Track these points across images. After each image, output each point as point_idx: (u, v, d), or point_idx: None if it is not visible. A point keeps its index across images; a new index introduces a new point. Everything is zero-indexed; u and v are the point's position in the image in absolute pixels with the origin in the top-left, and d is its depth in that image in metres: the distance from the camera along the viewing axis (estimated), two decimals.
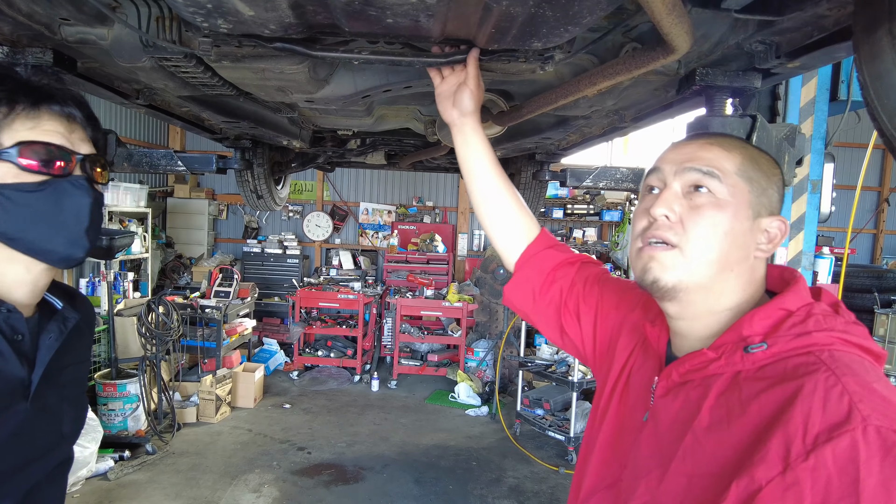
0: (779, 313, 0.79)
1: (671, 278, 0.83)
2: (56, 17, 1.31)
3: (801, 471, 0.65)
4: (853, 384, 0.68)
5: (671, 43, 1.00)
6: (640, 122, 2.00)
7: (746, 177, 0.84)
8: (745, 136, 1.37)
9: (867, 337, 0.77)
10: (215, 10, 1.06)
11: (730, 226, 0.82)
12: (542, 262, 1.19)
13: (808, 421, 0.67)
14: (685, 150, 0.88)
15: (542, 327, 1.22)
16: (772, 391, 0.73)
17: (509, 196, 1.26)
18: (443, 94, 1.29)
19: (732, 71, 1.33)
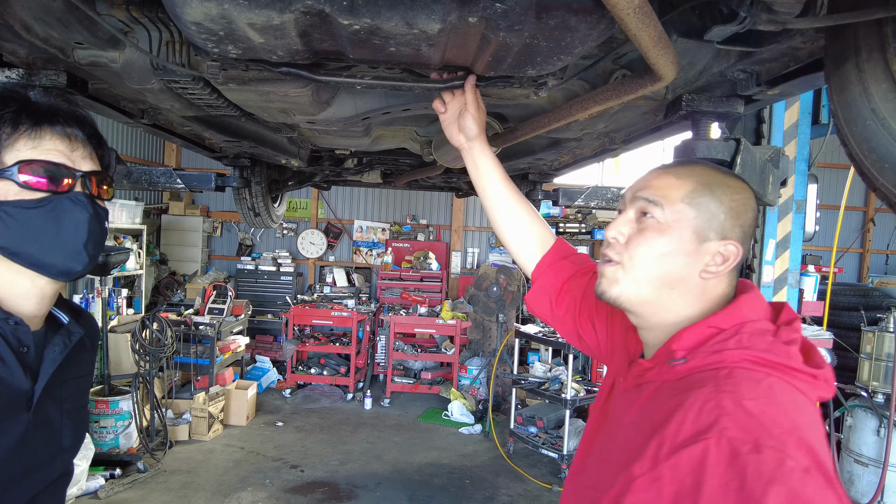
0: (708, 331, 0.86)
1: (614, 292, 0.93)
2: (70, 41, 1.36)
3: (664, 468, 0.74)
4: (727, 401, 0.75)
5: (658, 71, 1.07)
6: (629, 144, 2.07)
7: (694, 203, 0.90)
8: (729, 157, 1.43)
9: (789, 356, 0.82)
10: (227, 37, 1.12)
11: (669, 248, 0.89)
12: (557, 274, 1.27)
13: (680, 428, 0.75)
14: (644, 179, 0.96)
15: (561, 333, 1.29)
16: (674, 398, 0.81)
17: (522, 209, 1.34)
18: (447, 121, 1.38)
19: (717, 97, 1.40)
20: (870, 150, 0.94)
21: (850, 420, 3.97)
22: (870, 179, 0.98)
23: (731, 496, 0.67)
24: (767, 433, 0.70)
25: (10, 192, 0.91)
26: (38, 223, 0.92)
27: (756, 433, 0.70)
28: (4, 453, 0.91)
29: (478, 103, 1.34)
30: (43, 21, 1.26)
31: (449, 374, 7.09)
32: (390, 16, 0.98)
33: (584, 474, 0.98)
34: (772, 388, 0.78)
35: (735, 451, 0.69)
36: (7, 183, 0.91)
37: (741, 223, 0.92)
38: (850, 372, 4.23)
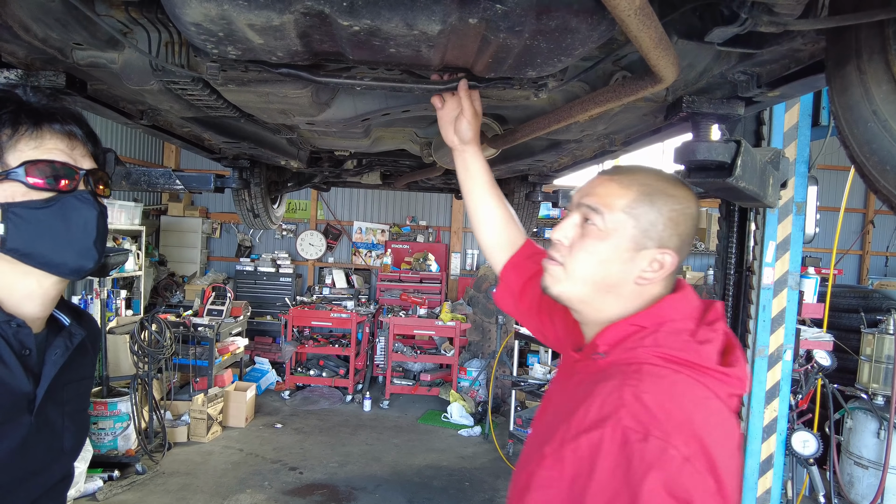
0: (630, 328, 0.94)
1: (556, 289, 1.01)
2: (69, 42, 1.36)
3: (566, 450, 0.83)
4: (628, 394, 0.83)
5: (658, 73, 1.06)
6: (629, 145, 2.06)
7: (633, 213, 0.95)
8: (729, 159, 1.43)
9: (701, 356, 0.89)
10: (226, 38, 1.11)
11: (606, 255, 0.96)
12: (522, 272, 1.35)
13: (585, 416, 0.84)
14: (591, 184, 1.02)
15: (526, 327, 1.38)
16: (588, 388, 0.90)
17: (502, 213, 1.41)
18: (444, 119, 1.39)
19: (717, 98, 1.40)
20: (871, 153, 0.94)
21: (850, 422, 3.97)
22: (871, 181, 0.97)
23: (618, 478, 0.76)
24: (657, 425, 0.78)
25: (18, 193, 0.91)
26: (49, 223, 0.93)
27: (647, 424, 0.78)
28: (6, 456, 0.91)
29: (472, 108, 1.35)
30: (42, 21, 1.26)
31: (448, 375, 7.08)
32: (390, 17, 0.97)
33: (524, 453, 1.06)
34: (675, 384, 0.86)
35: (626, 438, 0.78)
36: (14, 184, 0.91)
37: (679, 233, 0.97)
38: (849, 374, 4.23)
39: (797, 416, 2.95)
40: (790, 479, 3.00)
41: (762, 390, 2.48)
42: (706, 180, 1.54)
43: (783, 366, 2.48)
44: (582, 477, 0.80)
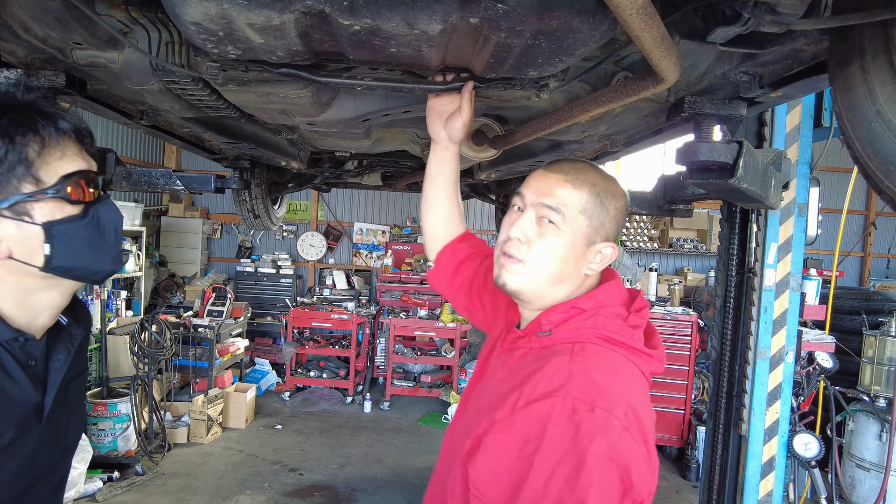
0: (572, 311, 1.05)
1: (514, 284, 1.08)
2: (69, 41, 1.36)
3: (517, 416, 0.91)
4: (577, 369, 0.93)
5: (660, 73, 1.06)
6: (631, 146, 2.06)
7: (587, 213, 1.05)
8: (731, 160, 1.42)
9: (635, 339, 1.02)
10: (226, 37, 1.11)
11: (564, 252, 1.05)
12: (455, 255, 1.46)
13: (536, 386, 0.92)
14: (546, 182, 1.08)
15: (455, 306, 1.50)
16: (535, 363, 0.99)
17: (458, 211, 1.50)
18: (434, 110, 1.40)
19: (719, 99, 1.39)
20: (875, 153, 0.93)
21: (851, 425, 3.95)
22: (875, 182, 0.97)
23: (566, 443, 0.85)
24: (602, 397, 0.88)
25: (57, 210, 0.89)
26: (88, 234, 0.92)
27: (593, 396, 0.88)
28: (20, 466, 0.91)
29: (472, 111, 1.36)
30: (41, 21, 1.25)
31: (449, 377, 7.07)
32: (391, 16, 0.97)
33: (459, 423, 1.12)
34: (614, 362, 0.98)
35: (575, 408, 0.87)
36: (54, 202, 0.89)
37: (618, 227, 1.10)
38: (851, 376, 4.22)
39: (799, 419, 2.95)
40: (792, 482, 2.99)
41: (763, 392, 2.48)
42: (708, 181, 1.53)
43: (785, 368, 2.47)
44: (531, 441, 0.87)
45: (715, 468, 2.64)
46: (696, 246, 8.06)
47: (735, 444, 2.59)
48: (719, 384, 2.67)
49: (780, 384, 2.48)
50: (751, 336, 2.52)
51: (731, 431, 2.60)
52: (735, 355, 2.62)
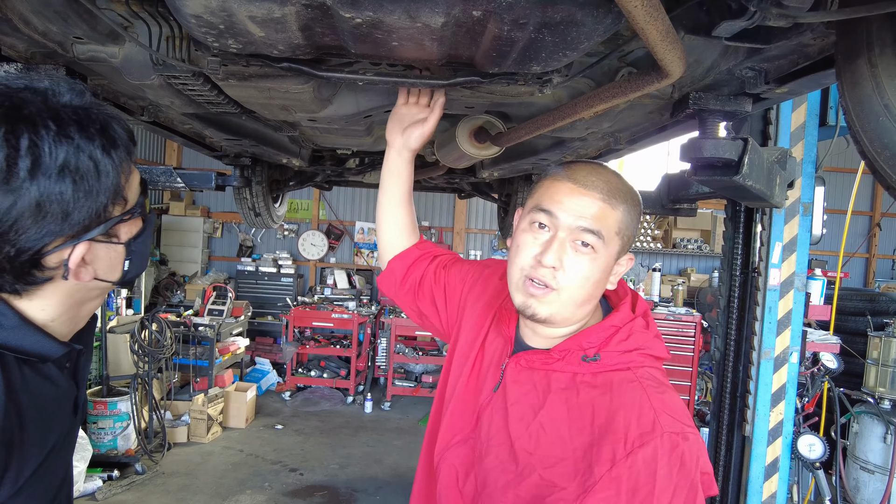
0: (610, 330, 1.03)
1: (546, 312, 1.02)
2: (69, 35, 1.35)
3: (622, 468, 0.90)
4: (655, 401, 0.94)
5: (665, 68, 1.04)
6: (634, 144, 2.04)
7: (621, 234, 1.03)
8: (737, 157, 1.41)
9: (662, 349, 1.05)
10: (227, 31, 1.10)
11: (598, 276, 1.02)
12: (404, 259, 1.44)
13: (628, 431, 0.92)
14: (581, 203, 1.01)
15: (405, 309, 1.47)
16: (602, 398, 0.98)
17: (411, 220, 1.48)
18: (398, 115, 1.41)
19: (724, 95, 1.37)
20: (883, 147, 0.92)
21: (856, 426, 3.93)
22: (883, 177, 0.95)
23: (675, 475, 0.88)
24: (683, 420, 0.93)
25: (134, 227, 0.91)
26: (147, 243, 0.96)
27: (680, 424, 0.92)
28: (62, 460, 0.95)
29: (435, 125, 1.37)
30: (42, 15, 1.24)
31: None
32: (393, 9, 0.96)
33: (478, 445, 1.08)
34: (664, 378, 1.02)
35: (674, 443, 0.90)
36: (136, 220, 0.91)
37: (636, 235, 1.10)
38: (856, 378, 4.20)
39: (803, 420, 2.92)
40: (796, 484, 2.97)
41: (768, 393, 2.46)
42: (713, 178, 1.51)
43: (789, 368, 2.45)
44: (643, 486, 0.88)
45: (718, 469, 2.62)
46: (699, 246, 8.04)
47: (738, 446, 2.57)
48: (723, 385, 2.65)
49: (785, 385, 2.46)
50: (755, 336, 2.51)
51: (735, 432, 2.58)
52: (739, 356, 2.61)
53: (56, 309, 0.88)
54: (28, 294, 0.84)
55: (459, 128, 1.80)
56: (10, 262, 0.79)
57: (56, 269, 0.83)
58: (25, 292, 0.84)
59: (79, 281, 0.86)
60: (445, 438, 1.16)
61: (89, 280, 0.87)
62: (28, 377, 0.84)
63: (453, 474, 1.12)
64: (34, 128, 0.77)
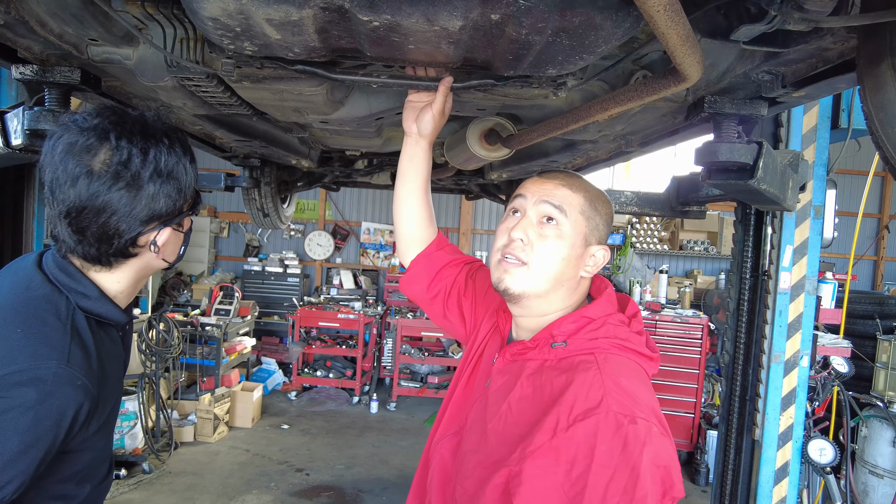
0: (582, 320, 1.08)
1: (518, 287, 1.09)
2: (85, 37, 1.35)
3: (562, 439, 0.92)
4: (609, 382, 0.95)
5: (683, 72, 1.04)
6: (646, 147, 2.03)
7: (585, 215, 1.11)
8: (752, 161, 1.40)
9: (641, 344, 1.06)
10: (243, 33, 1.10)
11: (566, 252, 1.08)
12: (433, 262, 1.46)
13: (574, 405, 0.94)
14: (544, 186, 1.13)
15: (429, 313, 1.50)
16: (559, 377, 1.01)
17: (428, 211, 1.49)
18: (410, 104, 1.41)
19: (740, 99, 1.37)
20: None
21: (864, 430, 3.91)
22: None
23: (616, 457, 0.88)
24: (638, 406, 0.93)
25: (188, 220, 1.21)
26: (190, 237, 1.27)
27: (631, 407, 0.92)
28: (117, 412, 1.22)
29: (443, 107, 1.36)
30: (58, 17, 1.25)
31: None
32: (411, 12, 0.96)
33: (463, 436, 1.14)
34: (633, 369, 1.02)
35: (619, 422, 0.90)
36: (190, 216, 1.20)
37: (608, 231, 1.16)
38: (865, 381, 4.17)
39: (814, 424, 2.91)
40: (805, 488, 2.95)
41: (778, 397, 2.45)
42: (727, 182, 1.51)
43: (800, 372, 2.44)
44: (580, 461, 0.89)
45: (727, 473, 2.61)
46: (706, 248, 8.01)
47: (748, 449, 2.56)
48: (732, 388, 2.64)
49: (795, 389, 2.45)
50: (765, 340, 2.49)
51: (745, 436, 2.57)
52: (749, 359, 2.59)
53: (127, 282, 1.13)
54: (114, 267, 1.10)
55: (470, 129, 1.79)
56: (119, 239, 1.06)
57: (143, 248, 1.11)
58: (115, 265, 1.10)
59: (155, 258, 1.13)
60: (440, 433, 1.23)
61: (159, 259, 1.14)
62: (104, 339, 1.10)
63: (442, 463, 1.18)
64: (155, 142, 1.07)
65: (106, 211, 1.03)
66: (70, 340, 1.03)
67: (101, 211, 1.03)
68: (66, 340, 1.02)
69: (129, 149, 1.04)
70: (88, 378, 1.02)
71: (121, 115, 1.09)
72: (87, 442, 1.06)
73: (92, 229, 1.04)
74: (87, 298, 1.08)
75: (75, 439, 1.02)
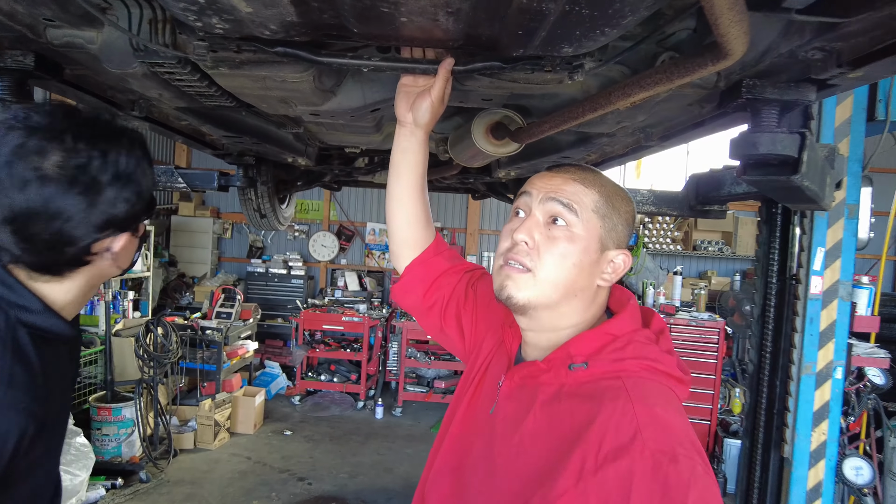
0: (604, 337, 0.92)
1: (523, 296, 0.94)
2: (39, 17, 1.20)
3: (590, 483, 0.78)
4: (642, 413, 0.81)
5: (726, 45, 0.86)
6: (668, 140, 1.86)
7: (600, 214, 0.96)
8: (795, 153, 1.23)
9: (673, 366, 0.91)
10: (209, 6, 0.94)
11: (578, 258, 0.94)
12: (430, 269, 1.30)
13: (602, 441, 0.80)
14: (552, 181, 0.98)
15: (424, 325, 1.35)
16: (581, 407, 0.86)
17: (424, 211, 1.33)
18: (403, 89, 1.23)
19: (783, 82, 1.20)
20: None
21: (893, 440, 3.71)
22: None
23: (657, 501, 0.74)
24: (678, 443, 0.78)
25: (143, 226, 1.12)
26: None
27: (670, 443, 0.78)
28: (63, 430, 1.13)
29: (443, 92, 1.19)
30: None
31: None
32: None
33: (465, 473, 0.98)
34: (667, 396, 0.88)
35: (657, 462, 0.76)
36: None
37: (629, 234, 1.00)
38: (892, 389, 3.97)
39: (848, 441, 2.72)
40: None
41: (809, 411, 2.26)
42: (765, 178, 1.34)
43: (833, 384, 2.26)
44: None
45: (753, 492, 2.43)
46: (721, 248, 7.78)
47: (776, 467, 2.38)
48: (758, 400, 2.46)
49: (828, 402, 2.27)
50: (794, 349, 2.31)
51: (772, 452, 2.39)
52: (776, 370, 2.41)
53: (77, 292, 1.05)
54: (64, 277, 1.02)
55: (475, 123, 1.63)
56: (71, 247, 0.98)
57: (96, 255, 1.02)
58: (66, 274, 1.02)
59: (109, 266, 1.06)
60: (437, 468, 1.08)
61: (113, 266, 1.07)
62: (49, 355, 1.01)
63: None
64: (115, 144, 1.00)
65: (60, 217, 0.95)
66: (11, 360, 0.95)
67: (53, 217, 0.95)
68: (7, 361, 0.94)
69: (87, 151, 0.97)
70: (33, 400, 0.95)
71: (75, 115, 1.01)
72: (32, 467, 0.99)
73: (42, 237, 0.96)
74: (29, 312, 1.00)
75: (19, 466, 0.94)
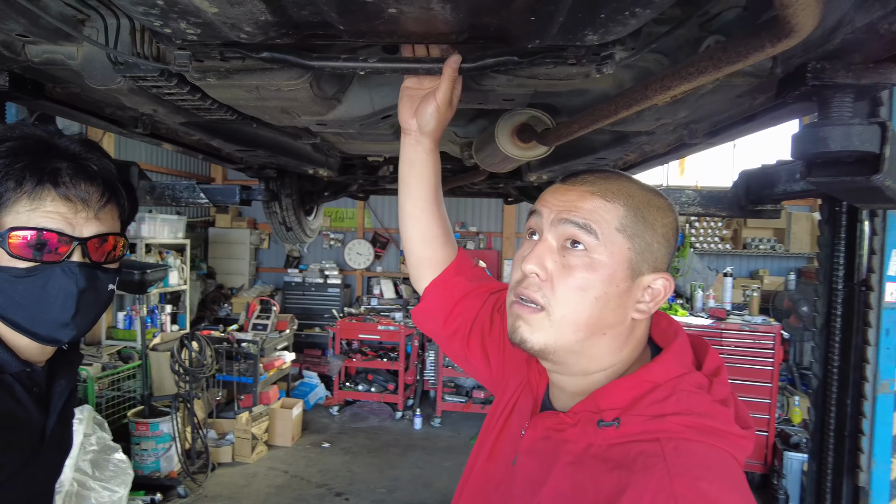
0: (643, 386, 0.77)
1: (538, 341, 0.80)
2: (11, 33, 1.11)
3: None
4: (682, 488, 0.66)
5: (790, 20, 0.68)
6: (714, 137, 1.66)
7: (627, 233, 0.78)
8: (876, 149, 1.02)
9: (729, 420, 0.73)
10: (170, 8, 0.82)
11: (601, 290, 0.77)
12: (450, 292, 1.17)
13: None
14: (566, 197, 0.82)
15: (447, 351, 1.20)
16: (608, 477, 0.72)
17: (442, 227, 1.19)
18: (406, 92, 1.08)
19: (858, 63, 0.99)
20: None
21: None
22: None
23: None
24: None
25: (3, 258, 0.89)
26: (25, 293, 0.90)
27: None
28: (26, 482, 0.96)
29: (450, 94, 1.02)
30: None
31: None
32: None
33: None
34: (718, 464, 0.71)
35: None
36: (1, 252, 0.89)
37: (670, 251, 0.83)
38: None
39: None
40: None
41: (888, 435, 2.00)
42: (837, 178, 1.13)
43: None
44: None
45: None
46: (773, 246, 7.35)
47: (849, 497, 2.12)
48: (825, 420, 2.20)
49: None
50: (867, 365, 2.05)
51: (844, 480, 2.13)
52: (845, 386, 2.15)
53: None
54: None
55: (499, 126, 1.47)
56: None
57: None
58: None
59: None
60: None
61: None
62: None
63: None
64: None
65: None
66: None
67: None
68: None
69: None
70: None
71: None
72: None
73: None
74: None
75: None
